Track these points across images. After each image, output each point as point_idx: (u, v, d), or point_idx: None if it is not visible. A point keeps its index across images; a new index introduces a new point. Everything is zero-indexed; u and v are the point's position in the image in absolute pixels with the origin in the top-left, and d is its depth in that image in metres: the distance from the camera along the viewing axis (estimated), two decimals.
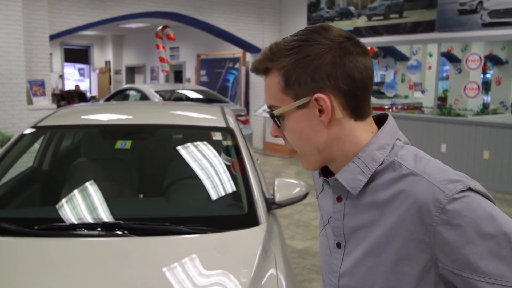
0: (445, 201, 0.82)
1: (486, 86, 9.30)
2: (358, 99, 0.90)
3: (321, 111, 0.90)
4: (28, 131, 2.72)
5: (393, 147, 0.93)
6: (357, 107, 0.91)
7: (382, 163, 0.91)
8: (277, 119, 0.94)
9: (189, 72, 13.74)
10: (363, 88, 0.91)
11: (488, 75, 9.39)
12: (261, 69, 0.95)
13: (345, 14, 9.11)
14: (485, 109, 8.55)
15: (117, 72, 17.42)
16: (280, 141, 4.77)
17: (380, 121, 0.97)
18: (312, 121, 0.91)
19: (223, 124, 2.86)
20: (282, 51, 0.91)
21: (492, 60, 9.06)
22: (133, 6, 8.49)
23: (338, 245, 0.98)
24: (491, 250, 0.80)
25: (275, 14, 10.39)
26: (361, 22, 8.83)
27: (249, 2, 9.98)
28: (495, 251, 0.80)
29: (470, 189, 0.83)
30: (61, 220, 2.23)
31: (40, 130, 2.81)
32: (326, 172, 1.00)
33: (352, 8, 8.99)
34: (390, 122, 0.95)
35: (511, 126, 6.81)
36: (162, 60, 9.71)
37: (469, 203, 0.82)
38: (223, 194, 2.56)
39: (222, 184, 2.59)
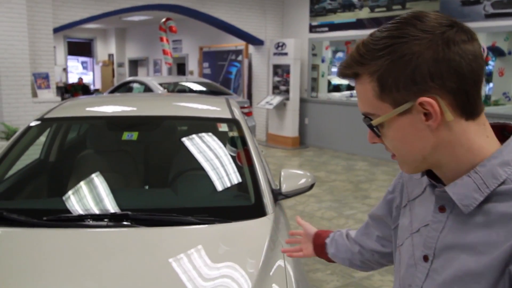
0: None
1: (488, 77, 9.26)
2: (469, 95, 0.79)
3: (426, 115, 0.79)
4: (34, 123, 2.71)
5: None
6: (468, 104, 0.79)
7: (503, 182, 0.79)
8: (376, 128, 0.85)
9: (192, 65, 13.73)
10: (474, 82, 0.79)
11: (490, 67, 9.34)
12: (349, 74, 0.85)
13: (348, 6, 9.05)
14: (487, 100, 8.51)
15: (120, 65, 17.43)
16: (283, 133, 4.83)
17: (501, 130, 0.87)
18: (417, 127, 0.81)
19: (228, 116, 2.85)
20: (372, 52, 0.80)
21: (495, 51, 9.00)
22: None
23: (425, 258, 0.90)
24: None
25: (277, 6, 10.34)
26: (364, 13, 8.77)
27: None
28: None
29: None
30: (69, 211, 2.22)
31: (46, 122, 2.81)
32: (431, 175, 0.91)
33: (354, 0, 8.93)
34: None
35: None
36: (165, 52, 9.69)
37: None
38: (229, 185, 2.54)
39: (228, 175, 2.58)
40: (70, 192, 2.43)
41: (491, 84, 9.11)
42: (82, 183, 2.47)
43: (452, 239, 0.85)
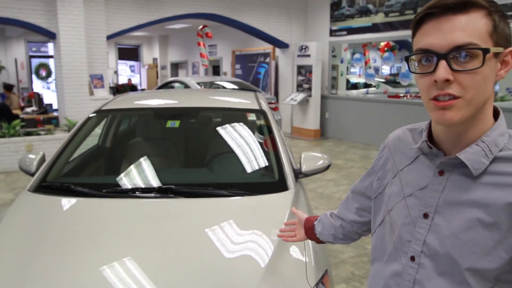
0: None
1: None
2: None
3: (502, 65, 0.85)
4: (93, 114, 2.82)
5: (510, 135, 0.88)
6: None
7: (501, 149, 0.85)
8: (484, 57, 0.80)
9: (226, 67, 13.78)
10: None
11: None
12: (464, 2, 0.81)
13: (364, 12, 8.95)
14: (494, 96, 8.32)
15: (163, 67, 17.55)
16: (306, 126, 4.86)
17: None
18: (493, 72, 0.84)
19: (256, 107, 2.89)
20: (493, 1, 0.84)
21: None
22: (176, 9, 8.60)
23: (425, 215, 0.91)
24: None
25: (301, 13, 10.30)
26: (379, 18, 8.67)
27: (278, 3, 9.93)
28: None
29: None
30: (123, 185, 2.31)
31: (103, 113, 2.91)
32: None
33: (370, 6, 8.83)
34: (502, 114, 0.90)
35: None
36: (202, 56, 9.77)
37: None
38: (256, 165, 2.55)
39: (256, 157, 2.60)
40: (123, 171, 2.50)
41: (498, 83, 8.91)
42: (133, 163, 2.54)
43: (455, 197, 0.87)
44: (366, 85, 11.75)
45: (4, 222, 1.98)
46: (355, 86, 11.39)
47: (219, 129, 2.89)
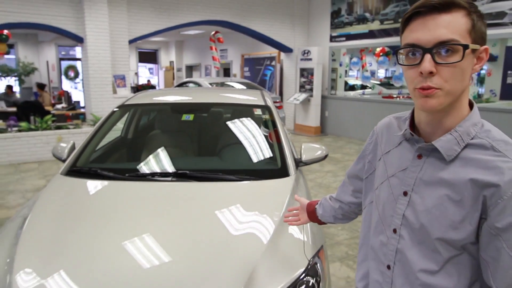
0: None
1: (481, 79, 8.98)
2: None
3: (477, 61, 0.86)
4: (117, 108, 2.85)
5: (483, 125, 0.89)
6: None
7: (473, 137, 0.87)
8: (463, 52, 0.82)
9: (235, 69, 13.77)
10: None
11: (483, 71, 9.05)
12: (448, 3, 0.82)
13: (362, 20, 8.92)
14: (478, 97, 8.28)
15: (179, 69, 17.54)
16: (308, 123, 4.88)
17: None
18: (470, 66, 0.85)
19: (262, 103, 2.89)
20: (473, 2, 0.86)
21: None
22: (191, 16, 8.63)
23: (405, 193, 0.93)
24: None
25: (304, 21, 10.28)
26: (375, 25, 8.64)
27: (283, 11, 9.92)
28: None
29: None
30: (144, 171, 2.35)
31: (125, 107, 2.93)
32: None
33: (367, 14, 8.79)
34: (476, 106, 0.91)
35: (499, 111, 6.59)
36: (214, 59, 9.83)
37: None
38: (261, 154, 2.56)
39: (261, 147, 2.60)
40: (144, 158, 2.53)
41: (483, 85, 8.85)
42: (152, 152, 2.56)
43: (429, 177, 0.89)
44: (363, 87, 11.74)
45: (40, 200, 2.04)
46: (352, 88, 11.39)
47: (228, 122, 2.90)
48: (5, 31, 8.00)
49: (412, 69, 0.86)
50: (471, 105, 0.92)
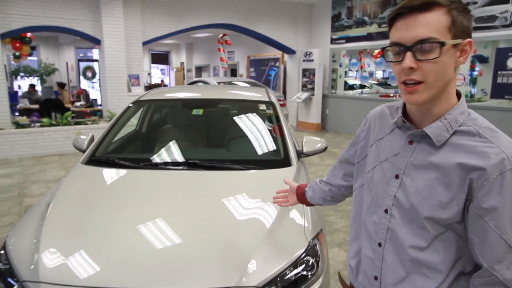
0: (508, 168, 0.80)
1: (473, 80, 8.93)
2: None
3: (460, 53, 0.85)
4: (132, 104, 2.88)
5: (469, 113, 0.89)
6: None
7: (461, 124, 0.87)
8: (440, 49, 0.82)
9: (242, 70, 13.76)
10: None
11: (475, 72, 9.00)
12: (428, 3, 0.82)
13: (360, 23, 8.88)
14: (470, 97, 8.23)
15: (189, 70, 17.51)
16: (309, 120, 4.85)
17: None
18: (452, 59, 0.84)
19: (267, 99, 2.90)
20: None
21: (478, 58, 8.67)
22: (201, 19, 8.63)
23: (397, 176, 0.94)
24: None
25: (306, 24, 10.25)
26: (373, 28, 8.60)
27: (286, 15, 9.90)
28: None
29: None
30: (158, 160, 2.37)
31: (139, 103, 2.95)
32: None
33: (366, 18, 8.75)
34: (463, 96, 0.91)
35: (490, 108, 6.55)
36: (222, 60, 9.85)
37: None
38: (265, 146, 2.57)
39: (265, 139, 2.61)
40: (157, 149, 2.56)
41: (475, 86, 8.80)
42: (165, 143, 2.58)
43: (420, 161, 0.90)
44: (361, 86, 11.70)
45: (63, 186, 2.08)
46: (351, 87, 11.35)
47: (235, 117, 2.91)
48: (28, 34, 8.07)
49: (398, 65, 0.87)
50: (459, 96, 0.92)
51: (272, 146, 2.56)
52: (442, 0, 0.83)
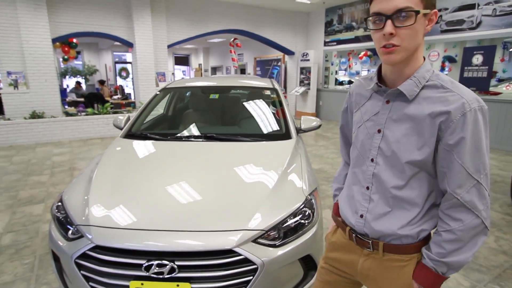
0: (467, 110, 0.81)
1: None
2: None
3: (428, 22, 0.85)
4: (159, 91, 2.89)
5: (433, 71, 0.89)
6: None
7: (427, 80, 0.88)
8: (416, 17, 0.81)
9: (249, 69, 13.67)
10: None
11: (445, 71, 8.84)
12: None
13: (349, 28, 8.73)
14: None
15: (206, 70, 17.46)
16: (306, 110, 4.78)
17: None
18: (422, 27, 0.84)
19: (271, 86, 2.90)
20: None
21: (447, 58, 8.52)
22: (216, 25, 8.55)
23: (379, 131, 0.94)
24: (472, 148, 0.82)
25: (303, 29, 10.10)
26: (360, 32, 8.45)
27: (287, 22, 9.74)
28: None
29: (482, 109, 0.82)
30: (182, 134, 2.39)
31: (166, 90, 2.96)
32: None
33: (354, 23, 8.59)
34: (427, 58, 0.93)
35: None
36: (233, 60, 9.76)
37: (478, 118, 0.82)
38: (269, 123, 2.57)
39: (269, 118, 2.62)
40: (181, 127, 2.59)
41: None
42: (188, 122, 2.62)
43: (397, 116, 0.91)
44: (349, 82, 11.54)
45: (106, 155, 2.11)
46: (341, 83, 11.21)
47: (245, 101, 2.91)
48: (74, 40, 8.06)
49: (378, 33, 0.86)
50: (423, 58, 0.93)
51: (275, 123, 2.56)
52: None
